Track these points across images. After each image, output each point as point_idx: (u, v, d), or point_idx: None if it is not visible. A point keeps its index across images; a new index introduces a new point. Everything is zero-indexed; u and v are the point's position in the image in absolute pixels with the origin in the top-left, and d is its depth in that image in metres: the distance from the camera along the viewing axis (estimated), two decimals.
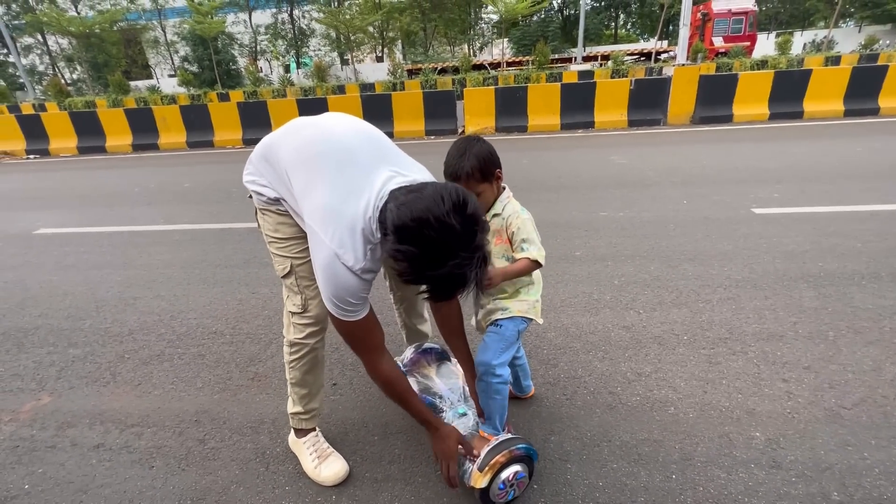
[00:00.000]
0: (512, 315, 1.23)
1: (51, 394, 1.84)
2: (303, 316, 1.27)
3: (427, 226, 0.85)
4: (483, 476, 1.14)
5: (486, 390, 1.26)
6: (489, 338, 1.25)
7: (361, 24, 22.29)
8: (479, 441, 1.25)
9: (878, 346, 1.81)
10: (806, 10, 32.13)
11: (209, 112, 8.25)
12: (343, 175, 1.02)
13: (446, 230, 0.85)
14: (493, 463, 1.14)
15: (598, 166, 5.04)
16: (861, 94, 7.14)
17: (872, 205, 3.29)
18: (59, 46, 30.28)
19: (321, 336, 1.32)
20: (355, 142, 1.07)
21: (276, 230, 1.23)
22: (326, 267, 1.00)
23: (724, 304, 2.17)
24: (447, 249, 0.87)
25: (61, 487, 1.40)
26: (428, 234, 0.85)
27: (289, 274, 1.25)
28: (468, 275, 0.90)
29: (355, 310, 1.06)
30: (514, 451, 1.16)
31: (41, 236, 3.82)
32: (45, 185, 5.98)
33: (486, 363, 1.23)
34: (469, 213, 0.88)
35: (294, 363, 1.32)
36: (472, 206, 0.89)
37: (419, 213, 0.85)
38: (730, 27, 20.69)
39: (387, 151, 1.10)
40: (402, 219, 0.87)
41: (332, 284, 1.01)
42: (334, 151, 1.05)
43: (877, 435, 1.40)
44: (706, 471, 1.31)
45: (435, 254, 0.86)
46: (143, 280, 2.85)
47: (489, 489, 1.16)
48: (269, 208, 1.22)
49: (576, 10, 28.49)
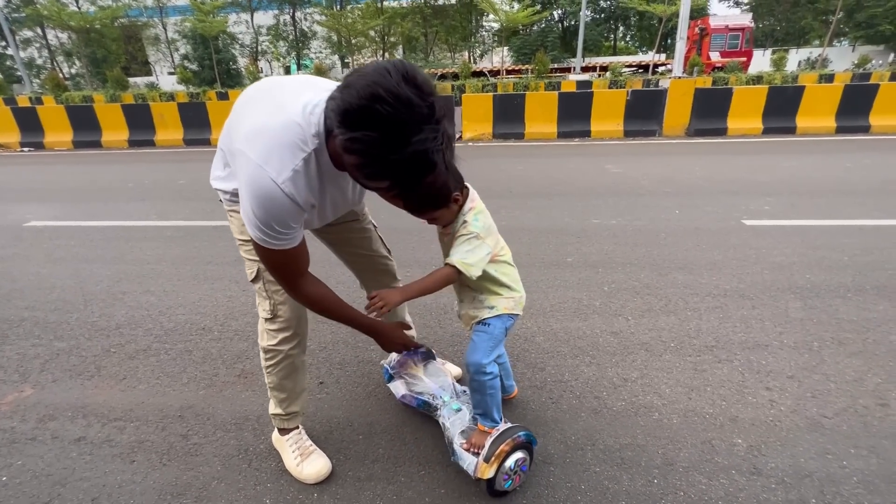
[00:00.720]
0: (499, 313, 1.23)
1: (33, 386, 1.82)
2: (273, 321, 1.24)
3: (380, 100, 0.74)
4: (490, 467, 1.17)
5: (480, 388, 1.27)
6: (478, 337, 1.25)
7: (363, 28, 22.43)
8: (479, 435, 1.27)
9: (861, 357, 1.83)
10: (801, 28, 32.72)
11: (207, 110, 8.23)
12: (269, 98, 0.95)
13: (402, 102, 0.74)
14: (498, 453, 1.18)
15: (593, 174, 5.09)
16: (853, 111, 7.26)
17: (860, 219, 3.34)
18: (59, 40, 30.19)
19: (296, 342, 1.29)
20: (286, 79, 1.00)
21: (241, 232, 1.15)
22: (249, 182, 0.89)
23: (712, 313, 2.19)
24: (408, 124, 0.76)
25: (39, 480, 1.38)
26: (383, 109, 0.74)
27: (256, 278, 1.21)
28: (435, 154, 0.80)
29: (281, 237, 0.95)
30: (516, 439, 1.21)
31: (32, 229, 3.79)
32: (38, 178, 5.93)
33: (476, 363, 1.23)
34: (420, 83, 0.77)
35: (270, 369, 1.30)
36: (421, 77, 0.78)
37: (368, 90, 0.74)
38: (727, 42, 21.00)
39: (319, 83, 0.98)
40: (349, 101, 0.75)
41: (256, 202, 0.89)
42: (262, 90, 1.00)
43: (856, 444, 1.41)
44: (688, 476, 1.32)
45: (395, 131, 0.76)
46: (133, 275, 2.83)
47: (495, 479, 1.20)
48: (233, 207, 1.13)
49: (576, 21, 28.82)
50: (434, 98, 0.79)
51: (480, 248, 1.12)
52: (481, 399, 1.28)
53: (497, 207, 3.93)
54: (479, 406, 1.30)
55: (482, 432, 1.27)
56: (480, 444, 1.23)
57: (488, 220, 1.15)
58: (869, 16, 26.31)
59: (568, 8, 30.20)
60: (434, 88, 0.80)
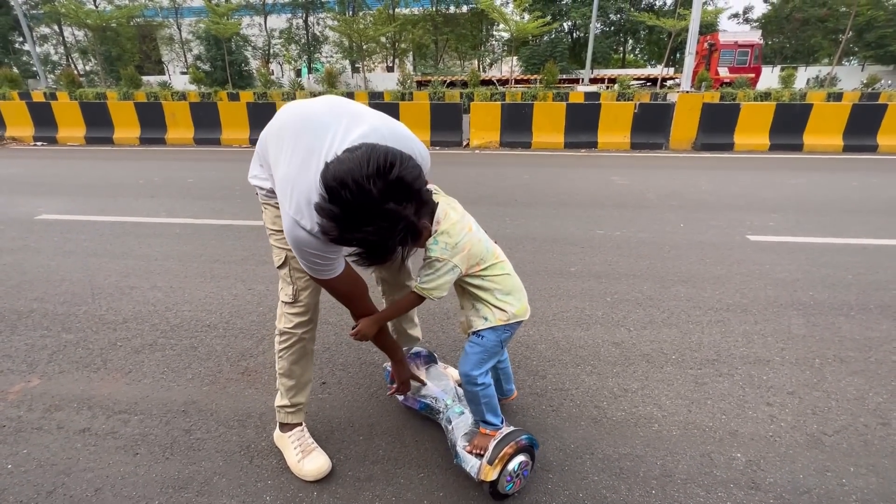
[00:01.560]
0: (493, 325, 1.21)
1: (41, 376, 1.85)
2: (293, 306, 1.31)
3: (345, 187, 0.85)
4: (493, 469, 1.19)
5: (473, 399, 1.28)
6: (470, 348, 1.25)
7: (375, 34, 22.62)
8: (482, 438, 1.28)
9: (863, 375, 1.83)
10: (811, 46, 32.76)
11: (218, 110, 8.34)
12: (300, 142, 1.03)
13: (363, 194, 0.85)
14: (501, 455, 1.19)
15: (599, 186, 5.11)
16: (860, 130, 7.27)
17: (865, 238, 3.34)
18: (75, 37, 30.68)
19: (310, 327, 1.35)
20: (314, 107, 1.08)
21: (273, 223, 1.27)
22: (289, 233, 1.02)
23: (714, 327, 2.19)
24: (363, 214, 0.87)
25: (44, 469, 1.40)
26: (345, 195, 0.86)
27: (283, 265, 1.29)
28: (388, 244, 0.91)
29: (329, 266, 1.09)
30: (519, 442, 1.23)
31: (42, 222, 3.84)
32: (50, 172, 6.02)
33: (466, 374, 1.24)
34: (392, 179, 0.87)
35: (283, 352, 1.35)
36: (397, 172, 0.87)
37: (341, 174, 0.86)
38: (735, 58, 21.06)
39: (344, 109, 1.09)
40: (327, 177, 0.88)
41: (298, 248, 1.04)
42: (293, 121, 1.08)
43: (856, 463, 1.41)
44: (686, 488, 1.33)
45: (352, 217, 0.87)
46: (140, 270, 2.87)
47: (498, 481, 1.22)
48: (268, 202, 1.26)
49: (585, 33, 28.99)
50: (403, 195, 0.90)
51: (439, 270, 1.11)
52: (476, 408, 1.30)
53: (502, 215, 3.96)
54: (475, 414, 1.32)
55: (485, 435, 1.28)
56: (483, 446, 1.25)
57: (455, 238, 1.10)
58: (879, 36, 26.33)
59: (578, 20, 30.41)
60: (409, 186, 0.90)
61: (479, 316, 1.22)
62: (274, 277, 2.68)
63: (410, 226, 0.93)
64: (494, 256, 1.20)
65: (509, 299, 1.21)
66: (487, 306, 1.21)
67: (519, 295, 1.24)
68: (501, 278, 1.21)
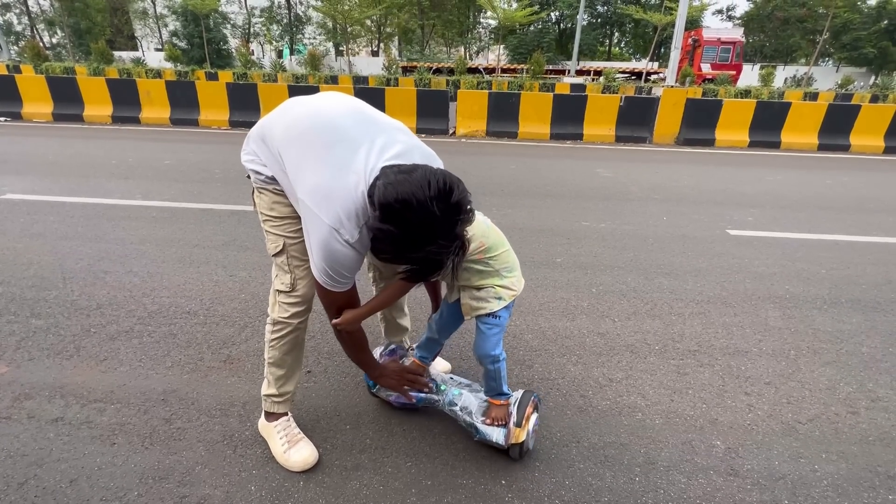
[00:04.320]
0: (507, 302, 1.27)
1: (8, 364, 1.76)
2: (290, 295, 1.27)
3: (409, 209, 0.87)
4: (522, 430, 1.29)
5: (495, 375, 1.34)
6: (487, 329, 1.27)
7: (360, 16, 22.11)
8: (497, 408, 1.35)
9: (835, 366, 1.90)
10: (789, 46, 33.54)
11: (196, 90, 8.04)
12: (331, 152, 1.03)
13: (427, 216, 0.88)
14: (526, 415, 1.30)
15: (584, 177, 5.14)
16: (835, 130, 7.50)
17: (838, 234, 3.46)
18: (40, 7, 29.00)
19: (305, 317, 1.32)
20: (342, 118, 1.08)
21: (271, 209, 1.23)
22: (324, 244, 1.02)
23: (696, 318, 2.24)
24: (426, 234, 0.90)
25: (14, 460, 1.34)
26: (409, 216, 0.88)
27: (280, 252, 1.25)
28: (444, 261, 0.93)
29: (346, 282, 1.11)
30: (534, 400, 1.36)
31: (7, 202, 3.65)
32: (14, 150, 5.71)
33: (488, 354, 1.29)
34: (453, 202, 0.90)
35: (275, 342, 1.31)
36: (456, 195, 0.91)
37: (404, 196, 0.88)
38: (718, 55, 21.42)
39: (371, 124, 1.10)
40: (388, 198, 0.89)
41: (330, 259, 1.04)
42: (320, 129, 1.06)
43: (827, 449, 1.47)
44: (668, 475, 1.36)
45: (414, 237, 0.90)
46: (115, 254, 2.75)
47: (525, 440, 1.31)
48: (266, 187, 1.22)
49: (573, 24, 28.96)
50: (461, 216, 0.92)
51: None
52: (495, 384, 1.35)
53: (489, 205, 3.95)
54: (491, 391, 1.37)
55: (500, 406, 1.35)
56: (503, 415, 1.33)
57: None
58: (854, 38, 27.15)
59: (566, 10, 30.32)
60: (466, 207, 0.93)
61: (493, 297, 1.26)
62: (257, 264, 2.62)
63: (462, 243, 0.95)
64: (495, 233, 1.25)
65: (514, 276, 1.29)
66: (497, 287, 1.26)
67: (518, 269, 1.32)
68: (503, 255, 1.26)
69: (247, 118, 7.88)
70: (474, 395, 1.42)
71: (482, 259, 1.22)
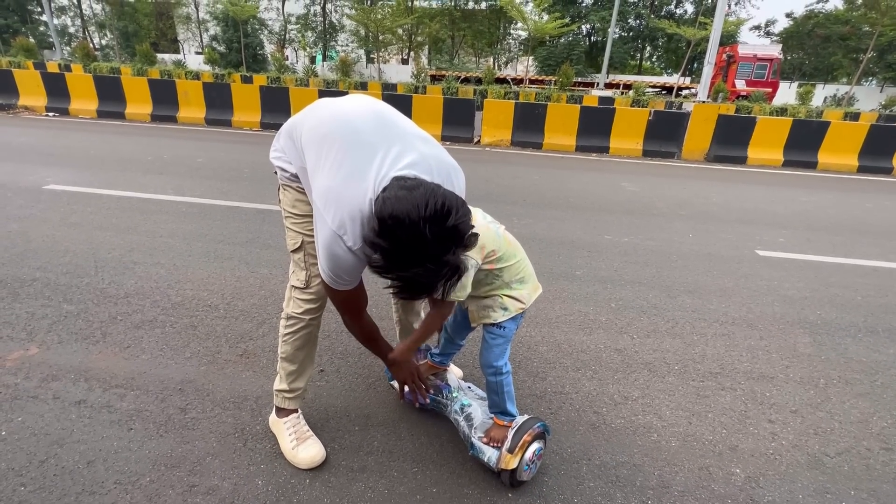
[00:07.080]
0: (513, 314, 1.25)
1: (39, 345, 1.85)
2: (304, 291, 1.29)
3: (401, 226, 0.86)
4: (515, 457, 1.23)
5: (497, 389, 1.30)
6: (492, 339, 1.27)
7: (391, 25, 22.51)
8: (498, 429, 1.31)
9: (868, 399, 1.80)
10: (830, 64, 32.36)
11: (231, 92, 8.32)
12: (347, 157, 1.03)
13: (416, 236, 0.86)
14: (521, 443, 1.23)
15: (609, 191, 5.06)
16: (876, 151, 7.18)
17: (876, 261, 3.29)
18: (93, 11, 30.66)
19: (318, 314, 1.34)
20: (363, 122, 1.08)
21: (293, 206, 1.26)
22: (327, 245, 1.03)
23: (719, 340, 2.16)
24: (413, 255, 0.88)
25: (38, 438, 1.39)
26: (400, 234, 0.87)
27: (298, 249, 1.27)
28: (432, 284, 0.92)
29: (350, 283, 1.12)
30: (535, 430, 1.27)
31: (50, 192, 3.84)
32: (60, 143, 6.02)
33: (493, 366, 1.27)
34: (448, 226, 0.87)
35: (288, 337, 1.33)
36: (453, 220, 0.88)
37: (398, 213, 0.87)
38: (753, 72, 20.84)
39: (392, 130, 1.08)
40: (383, 213, 0.89)
41: (332, 261, 1.05)
42: (341, 133, 1.06)
43: (857, 486, 1.39)
44: (682, 500, 1.31)
45: (402, 256, 0.88)
46: (144, 246, 2.86)
47: (517, 469, 1.25)
48: (290, 184, 1.25)
49: (604, 37, 28.75)
50: (454, 241, 0.89)
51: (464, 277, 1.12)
52: (498, 398, 1.31)
53: (510, 215, 3.93)
54: (495, 406, 1.33)
55: (501, 427, 1.31)
56: (501, 437, 1.28)
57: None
58: None
59: (597, 24, 30.14)
60: (462, 233, 0.90)
61: (498, 306, 1.24)
62: (278, 262, 2.67)
63: (454, 269, 0.92)
64: (507, 243, 1.22)
65: (524, 288, 1.26)
66: (504, 297, 1.24)
67: (532, 280, 1.29)
68: (515, 266, 1.24)
69: (277, 120, 8.09)
70: (482, 411, 1.39)
71: (493, 270, 1.20)
